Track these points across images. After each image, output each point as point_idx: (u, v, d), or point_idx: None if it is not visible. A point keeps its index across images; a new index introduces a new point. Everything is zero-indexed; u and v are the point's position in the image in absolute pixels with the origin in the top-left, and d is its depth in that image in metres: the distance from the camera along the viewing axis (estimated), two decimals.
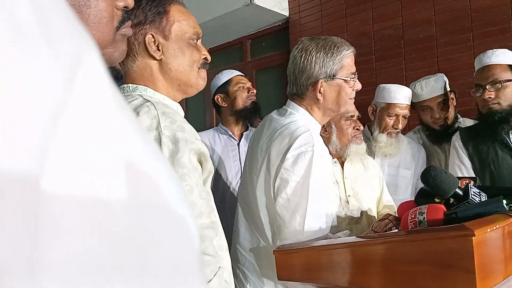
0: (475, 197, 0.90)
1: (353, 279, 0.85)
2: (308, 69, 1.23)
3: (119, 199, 0.19)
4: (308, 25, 3.70)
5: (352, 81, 1.25)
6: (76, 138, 0.17)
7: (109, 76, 0.20)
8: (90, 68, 0.19)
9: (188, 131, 0.86)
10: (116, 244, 0.18)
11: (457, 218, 0.81)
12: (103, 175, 0.18)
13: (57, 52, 0.17)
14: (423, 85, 2.01)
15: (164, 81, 0.95)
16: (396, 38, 3.14)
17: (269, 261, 1.18)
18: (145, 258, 0.20)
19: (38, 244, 0.15)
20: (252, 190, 1.24)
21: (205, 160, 0.88)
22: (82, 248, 0.17)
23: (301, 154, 1.12)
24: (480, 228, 0.68)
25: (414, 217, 0.87)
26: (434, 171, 0.92)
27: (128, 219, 0.19)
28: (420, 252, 0.75)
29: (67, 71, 0.17)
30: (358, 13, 3.35)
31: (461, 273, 0.68)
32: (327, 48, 1.23)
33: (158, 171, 0.22)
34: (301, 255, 1.01)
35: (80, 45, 0.19)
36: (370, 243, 0.87)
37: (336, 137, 1.59)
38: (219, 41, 4.35)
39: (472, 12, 2.78)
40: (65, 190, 0.17)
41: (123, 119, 0.20)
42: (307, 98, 1.26)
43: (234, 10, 3.63)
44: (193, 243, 0.23)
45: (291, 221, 1.11)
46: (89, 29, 0.59)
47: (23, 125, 0.15)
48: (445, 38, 2.90)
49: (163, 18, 0.94)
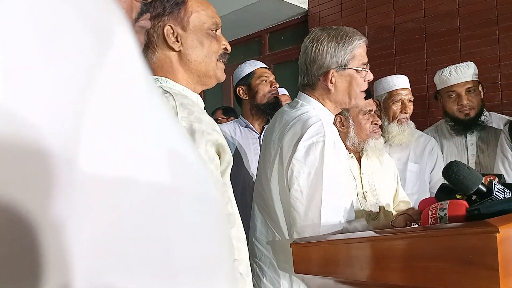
0: (499, 194, 0.87)
1: (371, 274, 0.85)
2: (320, 59, 1.22)
3: (161, 183, 0.18)
4: (327, 18, 3.65)
5: (364, 71, 1.23)
6: (113, 118, 0.17)
7: (139, 50, 0.20)
8: (120, 48, 0.18)
9: (205, 122, 0.86)
10: (146, 229, 0.18)
11: (480, 215, 0.79)
12: (145, 158, 0.18)
13: (89, 24, 0.17)
14: (452, 70, 1.93)
15: (184, 72, 0.95)
16: (418, 32, 3.07)
17: (285, 255, 1.18)
18: (173, 247, 0.19)
19: (68, 221, 0.15)
20: (267, 185, 1.24)
21: (223, 151, 0.87)
22: (116, 228, 0.17)
23: (312, 145, 1.11)
24: (505, 225, 0.66)
25: (434, 213, 0.86)
26: (456, 166, 0.90)
27: (168, 205, 0.19)
28: (441, 248, 0.74)
29: (99, 44, 0.17)
30: (379, 6, 3.29)
31: (484, 270, 0.66)
32: (338, 38, 1.21)
33: (195, 157, 0.22)
34: (319, 248, 1.00)
35: (111, 18, 0.19)
36: (389, 237, 0.86)
37: (354, 132, 1.57)
38: (237, 34, 4.34)
39: (498, 5, 2.70)
40: (103, 170, 0.16)
41: (161, 104, 0.20)
42: (319, 89, 1.25)
43: (253, 4, 3.62)
44: (225, 233, 0.23)
45: (307, 214, 1.10)
46: None
47: (59, 92, 0.15)
48: (469, 32, 2.82)
49: (181, 9, 0.94)
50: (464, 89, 1.92)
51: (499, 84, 2.67)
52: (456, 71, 1.92)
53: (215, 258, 0.22)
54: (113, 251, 0.16)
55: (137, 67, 0.19)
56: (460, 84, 1.91)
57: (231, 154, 0.91)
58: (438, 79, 1.99)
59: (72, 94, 0.16)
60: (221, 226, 0.23)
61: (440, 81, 1.97)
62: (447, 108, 1.99)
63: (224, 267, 0.23)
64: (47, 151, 0.15)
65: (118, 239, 0.17)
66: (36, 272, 0.14)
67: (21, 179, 0.14)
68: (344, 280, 0.92)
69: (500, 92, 2.67)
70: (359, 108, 1.57)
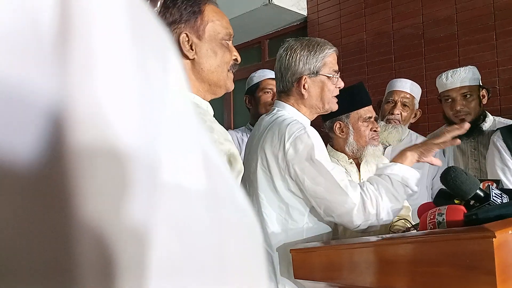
0: (496, 199, 0.88)
1: (374, 279, 0.85)
2: (293, 66, 1.30)
3: (202, 189, 0.19)
4: (326, 24, 3.68)
5: (334, 78, 1.31)
6: (176, 125, 0.18)
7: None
8: (174, 62, 0.20)
9: (217, 131, 0.86)
10: (199, 241, 0.18)
11: (477, 220, 0.80)
12: (189, 164, 0.19)
13: (155, 46, 0.18)
14: (449, 74, 1.91)
15: (195, 80, 0.96)
16: (416, 37, 3.10)
17: (274, 259, 1.21)
18: (224, 253, 0.20)
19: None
20: (254, 192, 1.26)
21: (234, 160, 0.87)
22: (171, 245, 0.17)
23: (297, 139, 1.16)
24: (501, 230, 0.67)
25: (433, 218, 0.87)
26: (454, 172, 0.91)
27: (211, 210, 0.19)
28: (439, 253, 0.74)
29: (162, 64, 0.19)
30: (377, 12, 3.31)
31: (482, 275, 0.67)
32: (310, 46, 1.30)
33: (224, 163, 0.23)
34: (320, 254, 1.01)
35: (166, 41, 0.20)
36: (390, 243, 0.87)
37: (353, 138, 1.58)
38: (237, 41, 4.36)
39: (495, 10, 2.72)
40: (176, 180, 0.17)
41: (192, 108, 0.21)
42: (293, 95, 1.32)
43: (253, 10, 3.64)
44: (260, 236, 0.24)
45: (337, 199, 1.14)
46: None
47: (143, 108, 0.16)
48: (467, 37, 2.84)
49: (198, 18, 0.94)
50: (459, 94, 1.88)
51: (498, 89, 2.68)
52: (453, 75, 1.90)
53: (258, 260, 0.23)
54: (183, 257, 0.17)
55: (184, 84, 0.21)
56: (455, 89, 1.88)
57: (242, 163, 0.90)
58: (437, 83, 1.99)
59: (155, 104, 0.17)
60: (256, 230, 0.24)
61: (439, 85, 1.97)
62: (445, 113, 1.98)
63: (264, 269, 0.24)
64: (133, 156, 0.15)
65: (188, 247, 0.17)
66: (110, 276, 0.15)
67: (108, 184, 0.15)
68: (347, 286, 0.93)
69: (499, 97, 2.68)
70: (359, 115, 1.59)
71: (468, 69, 1.92)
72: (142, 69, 0.17)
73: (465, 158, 1.96)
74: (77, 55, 0.14)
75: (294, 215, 1.21)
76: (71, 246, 0.14)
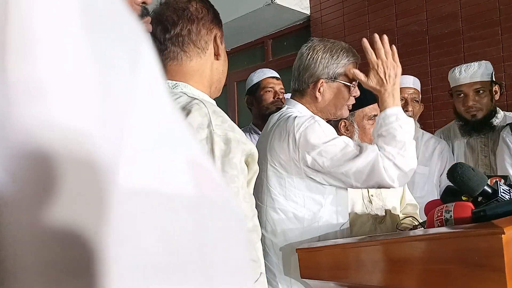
0: (504, 195, 0.87)
1: (381, 278, 0.85)
2: (312, 68, 1.27)
3: (187, 195, 0.18)
4: (329, 23, 3.67)
5: (351, 87, 1.29)
6: (145, 128, 0.17)
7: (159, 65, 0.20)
8: (147, 57, 0.19)
9: (238, 131, 0.85)
10: (182, 243, 0.18)
11: (485, 216, 0.79)
12: (170, 170, 0.18)
13: (121, 40, 0.18)
14: (463, 69, 1.88)
15: (209, 80, 0.97)
16: (420, 34, 3.08)
17: (278, 257, 1.21)
18: (211, 256, 0.19)
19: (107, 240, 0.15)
20: (266, 189, 1.25)
21: (252, 161, 0.85)
22: (152, 248, 0.16)
23: (307, 129, 1.16)
24: (510, 226, 0.66)
25: (440, 215, 0.86)
26: (461, 168, 0.90)
27: (196, 216, 0.19)
28: (447, 250, 0.74)
29: (130, 58, 0.18)
30: (381, 9, 3.30)
31: (491, 272, 0.66)
32: (333, 51, 1.27)
33: (215, 169, 0.22)
34: (326, 253, 1.01)
35: (138, 34, 0.19)
36: (397, 241, 0.86)
37: (358, 136, 1.57)
38: (240, 41, 4.36)
39: (500, 5, 2.70)
40: (139, 184, 0.16)
41: (177, 113, 0.20)
42: (307, 96, 1.30)
43: (255, 10, 3.64)
44: (247, 241, 0.23)
45: (360, 162, 1.12)
46: None
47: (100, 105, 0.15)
48: (472, 33, 2.82)
49: (221, 22, 0.99)
50: (471, 89, 1.85)
51: (504, 84, 2.66)
52: (466, 70, 1.86)
53: (244, 264, 0.23)
54: (156, 265, 0.16)
55: (161, 81, 0.20)
56: (468, 84, 1.85)
57: (258, 164, 0.89)
58: (450, 77, 1.96)
59: (118, 102, 0.16)
60: (244, 234, 0.23)
61: (451, 80, 1.93)
62: (456, 108, 1.95)
63: (250, 274, 0.23)
64: (100, 162, 0.15)
65: (169, 250, 0.17)
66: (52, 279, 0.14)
67: (80, 194, 0.14)
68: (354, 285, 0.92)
69: (505, 92, 2.65)
70: (364, 113, 1.58)
71: (483, 64, 1.88)
72: (99, 58, 0.16)
73: (474, 155, 1.94)
74: (16, 36, 0.14)
75: (310, 206, 1.20)
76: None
